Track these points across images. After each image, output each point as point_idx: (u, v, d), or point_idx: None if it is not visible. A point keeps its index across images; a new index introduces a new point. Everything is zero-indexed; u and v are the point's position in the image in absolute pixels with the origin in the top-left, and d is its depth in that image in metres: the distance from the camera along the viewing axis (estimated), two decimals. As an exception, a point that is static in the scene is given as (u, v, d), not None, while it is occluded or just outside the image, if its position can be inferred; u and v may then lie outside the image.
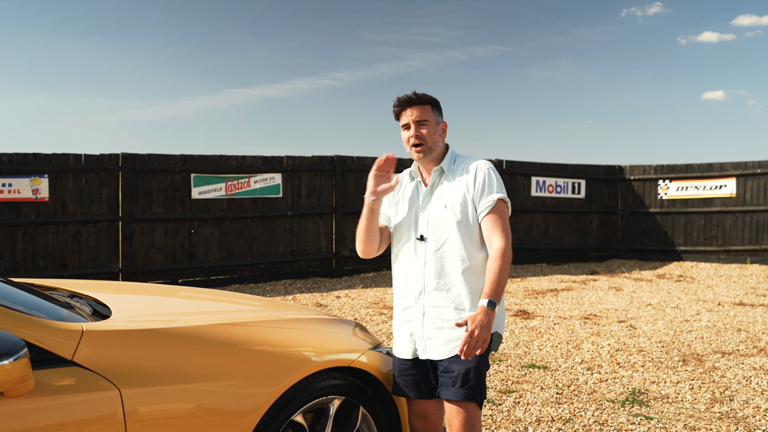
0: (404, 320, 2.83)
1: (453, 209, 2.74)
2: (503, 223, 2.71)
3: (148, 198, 9.98)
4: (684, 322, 7.60)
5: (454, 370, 2.67)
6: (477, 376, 2.67)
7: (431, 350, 2.74)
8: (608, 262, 13.66)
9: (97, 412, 2.12)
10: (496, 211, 2.72)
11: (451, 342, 2.70)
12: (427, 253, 2.76)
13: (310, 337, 2.86)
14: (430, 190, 2.83)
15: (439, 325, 2.73)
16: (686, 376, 5.41)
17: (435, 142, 2.80)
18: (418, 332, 2.77)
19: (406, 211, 2.86)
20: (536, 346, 6.42)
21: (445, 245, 2.74)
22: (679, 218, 13.67)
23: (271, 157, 10.95)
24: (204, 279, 10.42)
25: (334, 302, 9.02)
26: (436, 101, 2.84)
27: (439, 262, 2.74)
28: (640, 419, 4.42)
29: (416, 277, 2.78)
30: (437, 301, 2.73)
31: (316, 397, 2.69)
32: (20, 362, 1.90)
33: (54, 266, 9.32)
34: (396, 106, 2.83)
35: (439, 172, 2.83)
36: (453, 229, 2.73)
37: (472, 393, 2.65)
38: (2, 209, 8.99)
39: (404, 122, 2.81)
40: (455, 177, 2.80)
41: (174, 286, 4.05)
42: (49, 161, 9.29)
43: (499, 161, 13.04)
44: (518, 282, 10.96)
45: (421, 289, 2.77)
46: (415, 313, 2.78)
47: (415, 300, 2.79)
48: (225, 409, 2.40)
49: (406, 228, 2.85)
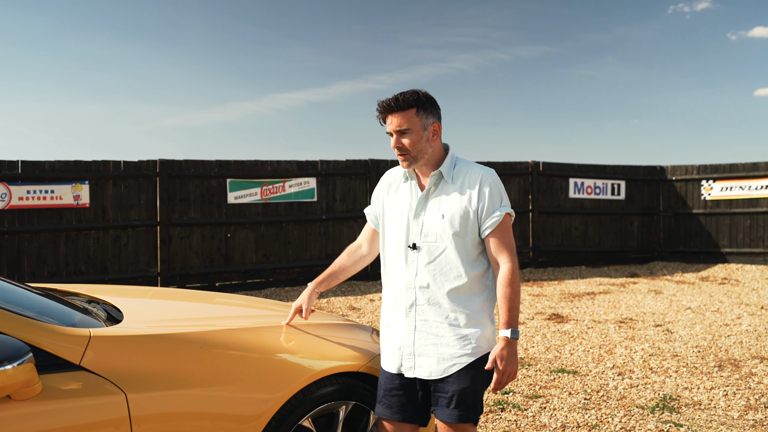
0: (393, 333, 2.65)
1: (451, 220, 2.55)
2: (509, 240, 2.57)
3: (186, 203, 10.16)
4: (723, 326, 7.40)
5: (449, 391, 2.52)
6: (473, 395, 2.54)
7: (422, 368, 2.56)
8: (650, 265, 13.39)
9: (104, 416, 2.16)
10: (502, 226, 2.56)
11: (445, 361, 2.53)
12: (419, 264, 2.58)
13: (319, 343, 2.87)
14: (426, 196, 2.63)
15: (432, 341, 2.55)
16: (721, 382, 5.27)
17: (420, 150, 2.58)
18: (407, 347, 2.59)
19: (397, 215, 2.68)
20: (567, 351, 6.32)
21: (439, 258, 2.56)
22: (724, 219, 13.32)
23: (306, 162, 11.05)
24: (240, 282, 10.56)
25: (367, 305, 9.04)
26: (424, 102, 2.57)
27: (431, 275, 2.56)
28: (670, 426, 4.32)
29: (407, 289, 2.61)
30: (431, 316, 2.56)
31: (325, 402, 2.70)
32: (24, 367, 1.95)
33: (95, 270, 9.55)
34: (377, 111, 2.62)
35: (437, 178, 2.63)
36: (449, 242, 2.55)
37: (467, 414, 2.52)
38: (45, 215, 9.26)
39: (387, 130, 2.62)
40: (456, 185, 2.60)
41: (201, 292, 4.11)
42: (89, 168, 9.54)
43: (536, 163, 12.90)
44: (555, 285, 10.83)
45: (413, 302, 2.59)
46: (406, 326, 2.60)
47: (406, 313, 2.61)
48: (231, 413, 2.43)
49: (397, 233, 2.66)
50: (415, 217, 2.62)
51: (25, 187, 9.08)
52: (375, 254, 2.94)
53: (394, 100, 2.55)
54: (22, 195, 9.07)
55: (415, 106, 2.56)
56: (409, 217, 2.63)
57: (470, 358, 2.53)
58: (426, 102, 2.59)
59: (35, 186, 9.14)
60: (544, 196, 13.00)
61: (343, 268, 2.95)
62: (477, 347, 2.54)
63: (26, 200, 9.11)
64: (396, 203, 2.71)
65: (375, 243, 2.93)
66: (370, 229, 2.93)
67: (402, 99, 2.55)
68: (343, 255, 2.98)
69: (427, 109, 2.59)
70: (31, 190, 9.12)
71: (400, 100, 2.55)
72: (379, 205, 2.81)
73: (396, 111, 2.56)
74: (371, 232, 2.92)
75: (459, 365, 2.52)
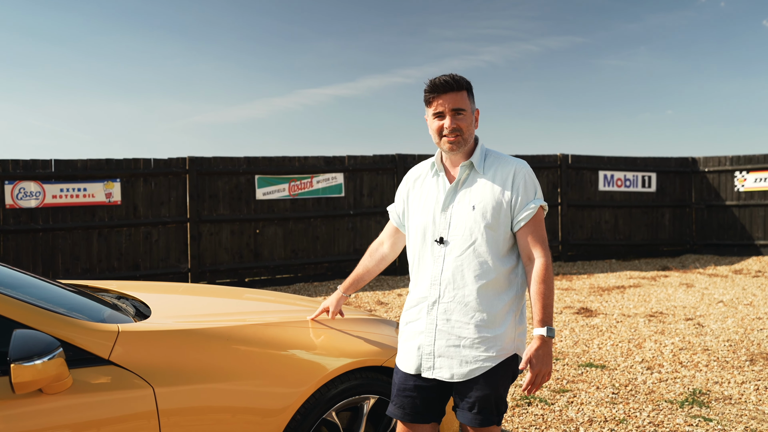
0: (413, 331, 2.53)
1: (483, 211, 2.43)
2: (543, 234, 2.46)
3: (215, 199, 10.28)
4: (756, 320, 7.28)
5: (471, 396, 2.42)
6: (496, 399, 2.44)
7: (441, 369, 2.44)
8: (681, 258, 13.21)
9: (132, 409, 2.22)
10: (536, 220, 2.45)
11: (468, 364, 2.41)
12: (446, 259, 2.45)
13: (343, 337, 2.90)
14: (455, 188, 2.51)
15: (454, 342, 2.43)
16: (752, 377, 5.19)
17: (470, 134, 2.49)
18: (427, 347, 2.46)
19: (423, 208, 2.56)
20: (596, 345, 6.28)
21: (468, 251, 2.43)
22: (758, 211, 13.08)
23: (333, 157, 11.10)
24: (269, 278, 10.66)
25: (395, 300, 9.06)
26: (471, 86, 2.51)
27: (459, 269, 2.43)
28: (699, 420, 4.28)
29: (431, 284, 2.48)
30: (454, 315, 2.43)
31: (349, 396, 2.73)
32: (55, 361, 2.01)
33: (127, 267, 9.72)
34: (428, 91, 2.48)
35: (468, 168, 2.52)
36: (479, 235, 2.42)
37: (490, 418, 2.43)
38: (78, 213, 9.45)
39: (437, 110, 2.46)
40: (487, 175, 2.49)
41: (230, 288, 4.17)
42: (120, 166, 9.71)
43: (565, 156, 12.79)
44: (584, 279, 10.74)
45: (436, 299, 2.46)
46: (427, 324, 2.48)
47: (428, 311, 2.48)
48: (257, 407, 2.47)
49: (423, 228, 2.53)
50: (443, 210, 2.50)
51: (59, 185, 9.28)
52: (397, 253, 2.89)
53: (452, 78, 2.45)
54: (55, 193, 9.26)
55: (467, 89, 2.49)
56: (436, 211, 2.52)
57: (495, 362, 2.42)
58: (472, 87, 2.53)
59: (68, 184, 9.33)
60: (573, 189, 12.89)
61: (368, 269, 2.91)
62: (502, 349, 2.43)
63: (59, 198, 9.30)
64: (422, 197, 2.60)
65: (396, 241, 2.87)
66: (392, 227, 2.85)
67: (459, 78, 2.46)
68: (366, 256, 2.92)
69: (473, 94, 2.53)
70: (65, 188, 9.32)
71: (457, 79, 2.46)
72: (401, 203, 2.73)
73: (454, 90, 2.45)
74: (393, 230, 2.85)
75: (483, 369, 2.41)
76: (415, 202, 2.63)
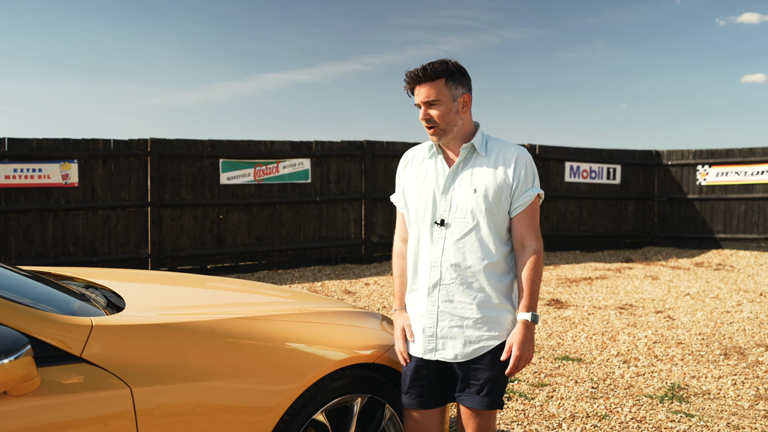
0: (415, 314, 2.54)
1: (485, 195, 2.42)
2: (537, 222, 2.50)
3: (177, 183, 9.94)
4: (725, 313, 7.33)
5: (480, 378, 2.44)
6: (504, 383, 2.50)
7: (446, 350, 2.47)
8: (644, 250, 13.33)
9: (107, 411, 2.01)
10: (532, 207, 2.48)
11: (472, 344, 2.44)
12: (447, 241, 2.45)
13: (332, 332, 2.72)
14: (455, 170, 2.50)
15: (457, 323, 2.45)
16: (728, 371, 5.18)
17: (450, 122, 2.46)
18: (429, 329, 2.49)
19: (421, 190, 2.53)
20: (570, 337, 6.22)
21: (470, 234, 2.44)
22: (719, 205, 13.26)
23: (300, 143, 10.84)
24: (233, 265, 10.37)
25: (362, 289, 8.90)
26: (453, 71, 2.45)
27: (460, 252, 2.44)
28: (680, 416, 4.22)
29: (431, 267, 2.47)
30: (456, 297, 2.45)
31: (339, 395, 2.56)
32: (23, 360, 1.80)
33: (84, 252, 9.34)
34: (405, 84, 2.50)
35: (469, 151, 2.50)
36: (481, 217, 2.43)
37: (497, 400, 2.47)
38: (33, 195, 9.02)
39: (415, 101, 2.49)
40: (489, 159, 2.48)
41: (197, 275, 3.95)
42: (78, 147, 9.29)
43: (532, 146, 12.75)
44: (551, 270, 10.73)
45: (437, 281, 2.47)
46: (428, 307, 2.49)
47: (428, 293, 2.49)
48: (243, 406, 2.28)
49: (422, 210, 2.51)
50: (443, 192, 2.49)
51: (12, 165, 8.83)
52: None
53: (422, 70, 2.44)
54: (8, 173, 8.81)
55: (444, 76, 2.44)
56: (436, 193, 2.50)
57: (498, 341, 2.45)
58: (455, 72, 2.46)
59: (22, 164, 8.89)
60: (540, 180, 12.84)
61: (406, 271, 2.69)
62: (504, 329, 2.47)
63: (13, 179, 8.86)
64: (419, 179, 2.57)
65: None
66: (403, 219, 2.70)
67: (430, 69, 2.43)
68: (397, 259, 2.71)
69: (457, 79, 2.47)
70: (18, 168, 8.87)
71: (428, 70, 2.43)
72: (401, 188, 2.66)
73: (424, 81, 2.44)
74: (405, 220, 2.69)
75: (487, 348, 2.44)
76: (410, 184, 2.61)
